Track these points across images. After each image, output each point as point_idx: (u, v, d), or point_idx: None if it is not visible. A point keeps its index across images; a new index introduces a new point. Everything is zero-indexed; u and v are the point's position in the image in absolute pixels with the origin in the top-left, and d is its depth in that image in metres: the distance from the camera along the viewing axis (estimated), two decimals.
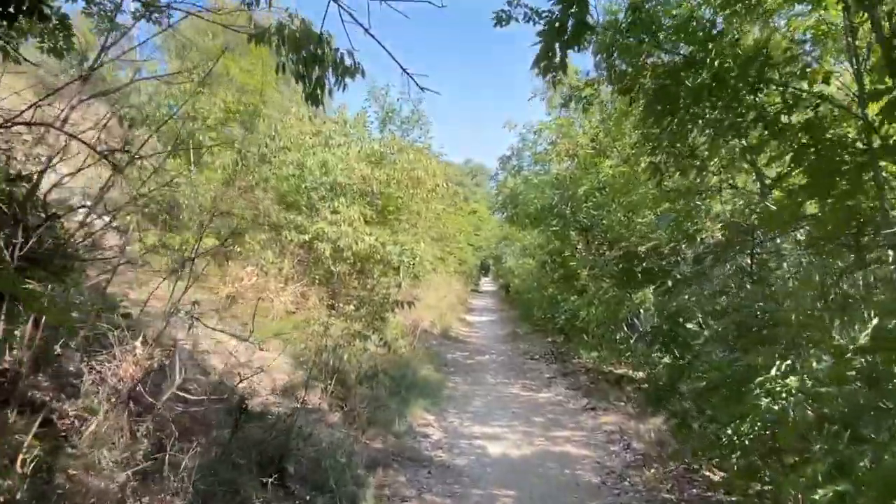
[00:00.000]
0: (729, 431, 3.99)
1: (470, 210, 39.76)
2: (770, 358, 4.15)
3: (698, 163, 5.94)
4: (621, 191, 9.07)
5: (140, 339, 4.44)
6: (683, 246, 5.76)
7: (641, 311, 11.90)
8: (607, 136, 9.87)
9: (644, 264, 5.69)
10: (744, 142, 4.74)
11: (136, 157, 5.92)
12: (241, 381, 5.45)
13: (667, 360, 7.92)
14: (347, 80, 5.11)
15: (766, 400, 3.79)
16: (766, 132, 3.77)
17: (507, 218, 13.89)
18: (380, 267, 12.30)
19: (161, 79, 6.13)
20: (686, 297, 6.01)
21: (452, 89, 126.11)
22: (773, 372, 3.89)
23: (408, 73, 3.81)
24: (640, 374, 11.66)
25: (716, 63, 3.99)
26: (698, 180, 5.75)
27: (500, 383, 12.23)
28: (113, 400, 4.23)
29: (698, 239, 5.33)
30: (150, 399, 4.31)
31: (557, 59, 3.97)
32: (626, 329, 12.19)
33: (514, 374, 13.14)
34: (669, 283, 5.61)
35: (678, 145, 5.81)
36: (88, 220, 6.02)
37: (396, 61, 3.86)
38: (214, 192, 10.01)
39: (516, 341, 18.61)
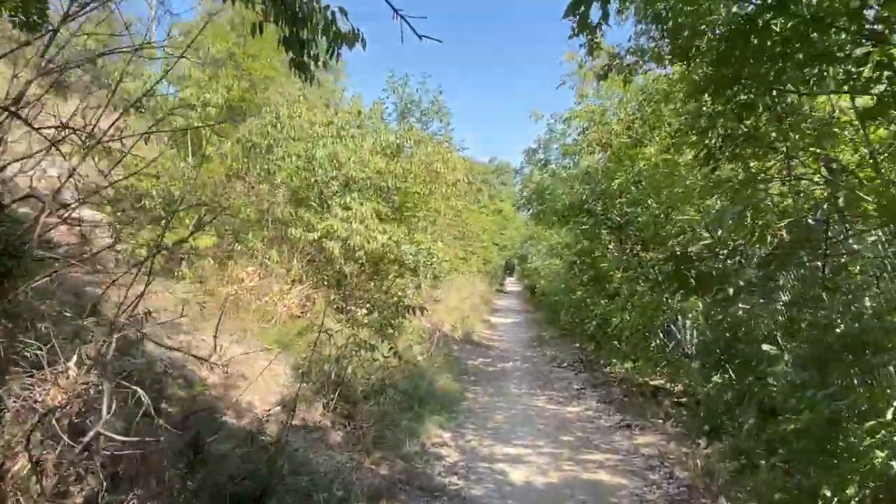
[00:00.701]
0: (827, 492, 3.00)
1: (494, 209, 38.77)
2: (876, 394, 3.15)
3: (760, 147, 4.94)
4: (661, 184, 8.04)
5: (76, 356, 3.59)
6: (747, 246, 4.75)
7: (680, 318, 10.87)
8: (644, 125, 8.85)
9: (699, 267, 4.69)
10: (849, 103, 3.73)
11: (106, 140, 5.07)
12: (207, 410, 4.51)
13: (717, 378, 6.91)
14: (344, 48, 4.27)
15: (883, 454, 2.79)
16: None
17: (532, 215, 12.93)
18: (395, 267, 11.42)
19: (126, 51, 5.33)
20: (748, 306, 4.99)
21: (477, 87, 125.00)
22: (888, 416, 2.88)
23: (402, 16, 2.91)
24: (678, 387, 10.63)
25: None
26: (764, 166, 4.73)
27: (524, 394, 11.26)
28: (39, 435, 3.40)
29: (769, 238, 4.32)
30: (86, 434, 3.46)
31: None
32: (662, 337, 11.16)
33: (540, 383, 12.16)
34: (730, 290, 4.60)
35: (739, 123, 4.81)
36: (63, 211, 5.26)
37: (388, 2, 2.96)
38: (215, 185, 9.23)
39: (542, 346, 17.61)
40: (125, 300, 4.21)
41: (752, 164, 4.89)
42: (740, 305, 5.10)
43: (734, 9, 3.76)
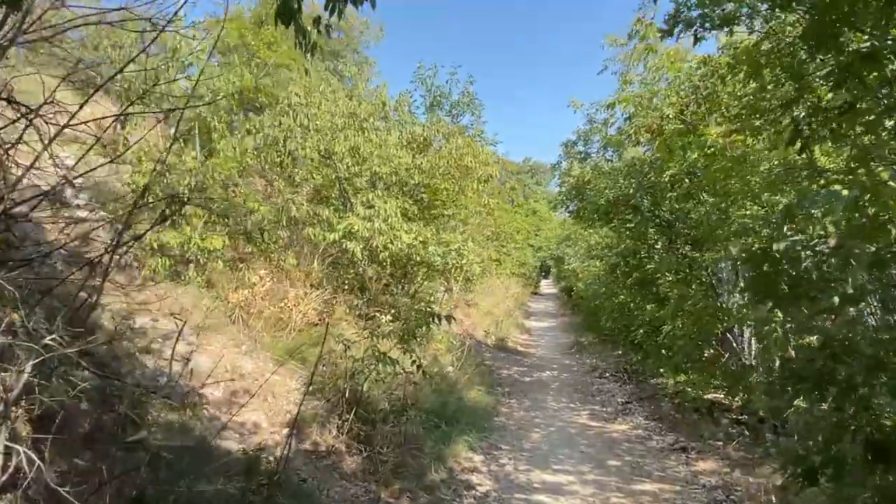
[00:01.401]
0: None
1: (529, 209, 37.68)
2: None
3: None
4: (729, 172, 7.01)
5: None
6: (855, 242, 3.73)
7: (737, 326, 9.76)
8: (701, 107, 7.80)
9: (791, 270, 3.70)
10: None
11: (75, 124, 4.29)
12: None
13: (801, 402, 5.85)
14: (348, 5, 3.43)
15: None
16: None
17: (571, 213, 11.95)
18: (423, 270, 10.58)
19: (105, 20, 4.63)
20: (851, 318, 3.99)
21: (511, 88, 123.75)
22: None
23: None
24: (736, 402, 9.53)
25: None
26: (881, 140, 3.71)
27: (563, 408, 10.27)
28: None
29: (893, 233, 3.32)
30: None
31: None
32: (715, 346, 10.06)
33: (581, 396, 11.15)
34: (835, 298, 3.61)
35: (837, 90, 3.81)
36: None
37: None
38: (225, 182, 8.49)
39: (581, 353, 16.55)
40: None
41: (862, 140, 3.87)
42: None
43: None
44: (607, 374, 12.77)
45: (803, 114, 4.34)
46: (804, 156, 4.66)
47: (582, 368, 13.86)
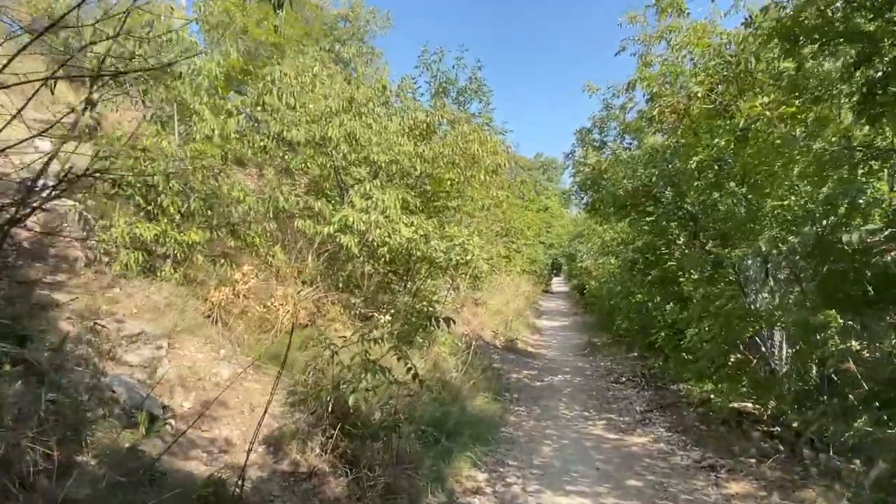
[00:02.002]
0: None
1: (540, 206, 36.76)
2: None
3: None
4: (762, 157, 6.17)
5: None
6: None
7: (772, 329, 8.90)
8: (733, 84, 6.94)
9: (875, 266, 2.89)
10: None
11: None
12: None
13: (862, 423, 5.00)
14: None
15: None
16: None
17: (586, 205, 11.09)
18: (425, 267, 9.80)
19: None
20: None
21: (510, 84, 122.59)
22: None
23: None
24: (764, 410, 8.69)
25: None
26: None
27: (577, 417, 9.44)
28: None
29: None
30: None
31: None
32: (742, 350, 9.19)
33: (596, 403, 10.31)
34: None
35: None
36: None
37: None
38: (207, 169, 7.73)
39: (594, 355, 15.69)
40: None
41: None
42: None
43: None
44: (624, 379, 11.91)
45: (880, 73, 3.49)
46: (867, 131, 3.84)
47: (596, 372, 13.02)
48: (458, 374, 10.03)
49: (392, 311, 9.61)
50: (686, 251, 10.24)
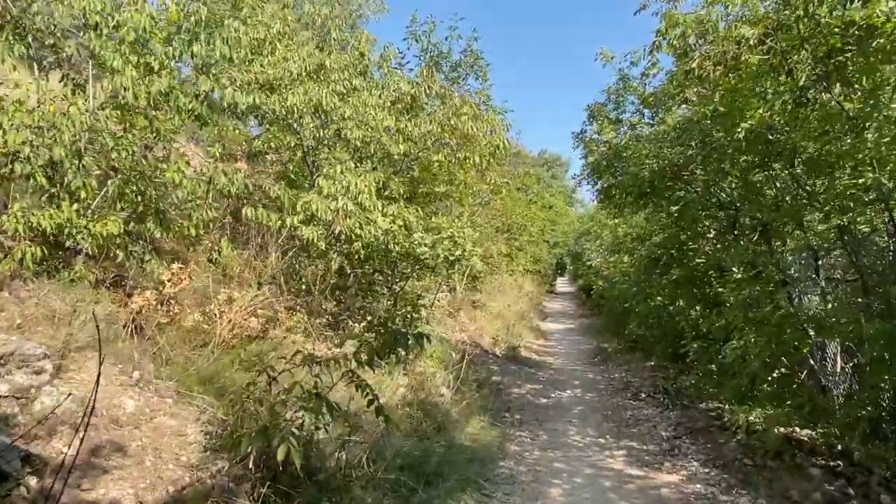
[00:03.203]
0: None
1: (545, 203, 35.09)
2: None
3: None
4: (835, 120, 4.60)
5: None
6: None
7: (826, 339, 7.32)
8: (797, 26, 5.34)
9: None
10: None
11: None
12: None
13: None
14: None
15: None
16: None
17: (599, 192, 9.50)
18: (408, 265, 8.24)
19: None
20: None
21: (526, 77, 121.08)
22: None
23: None
24: (810, 434, 7.13)
25: None
26: None
27: (591, 445, 7.85)
28: None
29: None
30: None
31: None
32: (788, 365, 7.61)
33: (613, 426, 8.71)
34: None
35: None
36: None
37: None
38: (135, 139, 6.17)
39: (606, 364, 14.08)
40: None
41: None
42: None
43: None
44: (643, 395, 10.30)
45: None
46: None
47: (610, 385, 11.40)
48: (449, 392, 8.46)
49: (367, 318, 8.05)
50: (718, 245, 8.66)
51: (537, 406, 9.71)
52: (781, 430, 7.37)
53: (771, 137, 5.96)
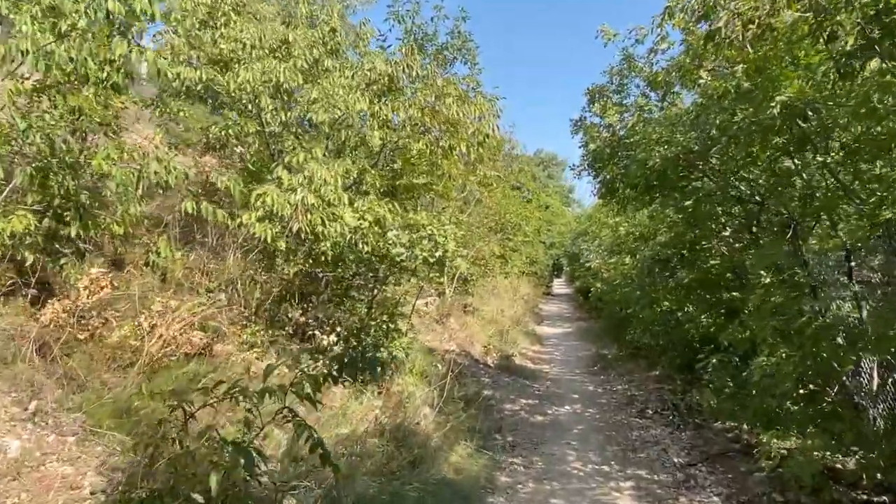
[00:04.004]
0: None
1: (541, 204, 34.06)
2: None
3: None
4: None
5: None
6: None
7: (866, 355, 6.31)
8: None
9: None
10: None
11: None
12: None
13: None
14: None
15: None
16: None
17: (601, 184, 8.47)
18: (383, 267, 7.22)
19: None
20: None
21: (523, 78, 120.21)
22: None
23: None
24: (861, 471, 6.10)
25: None
26: None
27: (594, 475, 6.82)
28: None
29: None
30: None
31: None
32: (818, 383, 6.59)
33: (618, 450, 7.68)
34: None
35: None
36: None
37: None
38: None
39: (607, 373, 13.05)
40: None
41: None
42: None
43: None
44: (649, 411, 9.27)
45: None
46: None
47: (612, 399, 10.37)
48: (432, 412, 7.44)
49: (336, 329, 7.03)
50: (736, 245, 7.66)
51: (532, 425, 8.68)
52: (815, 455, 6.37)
53: (811, 114, 4.96)
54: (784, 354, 5.68)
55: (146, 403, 4.38)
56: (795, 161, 5.98)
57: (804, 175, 6.19)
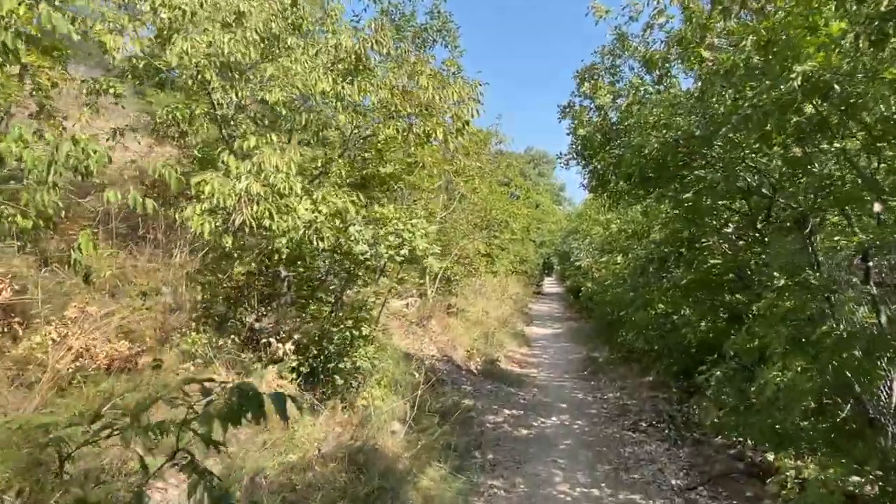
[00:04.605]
0: None
1: (531, 202, 33.32)
2: None
3: None
4: None
5: None
6: None
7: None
8: None
9: None
10: None
11: None
12: None
13: None
14: None
15: None
16: None
17: (592, 175, 7.68)
18: (348, 266, 6.45)
19: None
20: None
21: (513, 76, 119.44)
22: None
23: None
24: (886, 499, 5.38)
25: None
26: None
27: (581, 501, 6.07)
28: None
29: None
30: None
31: None
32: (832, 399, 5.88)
33: (609, 470, 6.93)
34: None
35: None
36: None
37: None
38: None
39: (598, 378, 12.33)
40: None
41: None
42: None
43: None
44: (643, 424, 8.54)
45: None
46: None
47: (603, 409, 9.62)
48: (403, 428, 6.68)
49: (294, 337, 6.24)
50: (740, 242, 6.94)
51: (516, 440, 7.92)
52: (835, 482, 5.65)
53: (836, 89, 4.23)
54: (800, 367, 4.94)
55: (34, 433, 3.59)
56: (813, 145, 5.24)
57: (819, 163, 5.47)
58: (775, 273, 5.17)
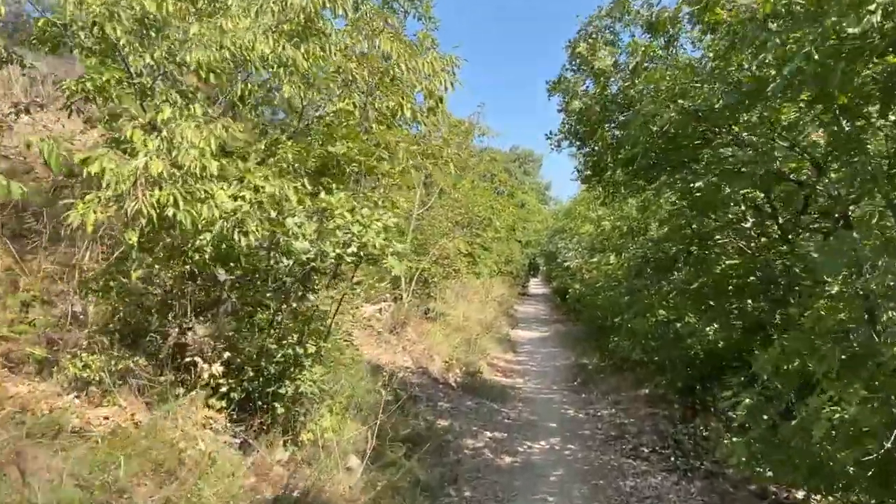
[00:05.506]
0: None
1: (517, 202, 32.17)
2: None
3: None
4: None
5: None
6: None
7: None
8: None
9: None
10: None
11: None
12: None
13: None
14: None
15: None
16: None
17: (587, 159, 6.57)
18: (282, 267, 5.29)
19: None
20: None
21: (499, 73, 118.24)
22: None
23: None
24: None
25: None
26: None
27: None
28: None
29: None
30: None
31: None
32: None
33: None
34: None
35: None
36: None
37: None
38: None
39: (589, 389, 11.23)
40: None
41: None
42: None
43: None
44: (645, 448, 7.42)
45: None
46: None
47: (598, 430, 8.48)
48: (361, 463, 5.51)
49: (227, 355, 5.05)
50: (763, 240, 5.86)
51: (499, 470, 6.76)
52: None
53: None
54: (858, 399, 3.84)
55: None
56: (866, 117, 4.15)
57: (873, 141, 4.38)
58: (826, 278, 4.07)
